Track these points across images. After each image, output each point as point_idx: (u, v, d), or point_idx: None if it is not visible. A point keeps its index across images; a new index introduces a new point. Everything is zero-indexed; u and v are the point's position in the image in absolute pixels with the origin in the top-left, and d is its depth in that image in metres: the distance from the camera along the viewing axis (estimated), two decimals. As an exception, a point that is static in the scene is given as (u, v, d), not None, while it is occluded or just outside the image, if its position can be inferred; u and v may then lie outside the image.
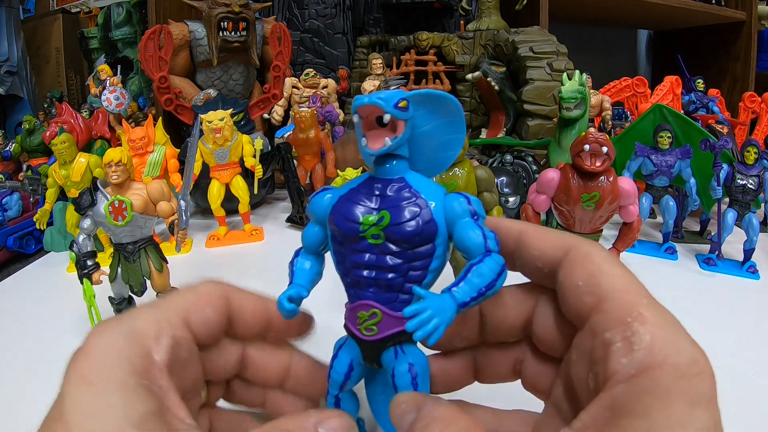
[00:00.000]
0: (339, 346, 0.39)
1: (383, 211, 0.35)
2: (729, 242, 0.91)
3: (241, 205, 1.05)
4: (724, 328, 0.69)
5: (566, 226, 0.62)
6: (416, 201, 0.35)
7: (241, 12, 1.21)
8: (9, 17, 1.79)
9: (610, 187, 0.57)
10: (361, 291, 0.36)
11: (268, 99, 1.33)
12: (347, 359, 0.38)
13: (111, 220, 0.59)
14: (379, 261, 0.35)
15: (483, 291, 0.32)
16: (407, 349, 0.37)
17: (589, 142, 0.56)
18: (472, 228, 0.34)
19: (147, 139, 0.98)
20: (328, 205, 0.37)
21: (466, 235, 0.34)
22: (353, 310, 0.37)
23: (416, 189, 0.35)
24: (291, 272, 0.39)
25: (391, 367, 0.36)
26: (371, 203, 0.35)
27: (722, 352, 0.62)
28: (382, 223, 0.34)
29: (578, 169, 0.58)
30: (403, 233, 0.34)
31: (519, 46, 1.22)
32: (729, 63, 1.95)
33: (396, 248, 0.35)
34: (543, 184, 0.61)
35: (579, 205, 0.58)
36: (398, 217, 0.34)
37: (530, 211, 0.63)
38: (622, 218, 0.61)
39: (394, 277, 0.35)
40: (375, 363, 0.38)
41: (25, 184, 1.09)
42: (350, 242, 0.36)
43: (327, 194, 0.38)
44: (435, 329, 0.31)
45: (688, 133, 0.95)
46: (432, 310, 0.31)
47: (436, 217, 0.35)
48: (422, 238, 0.34)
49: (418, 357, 0.37)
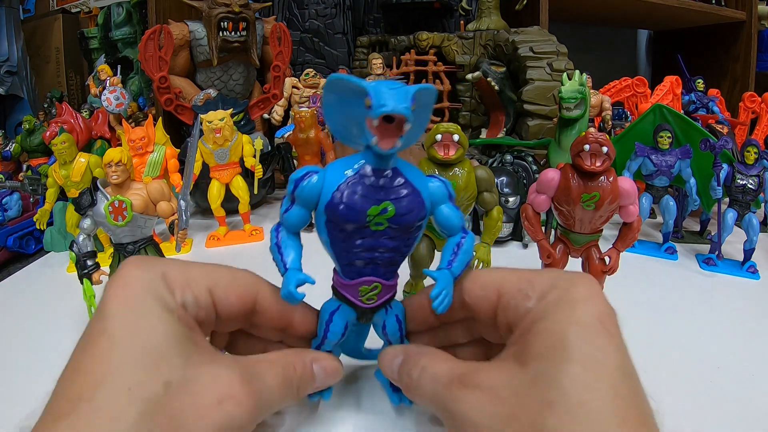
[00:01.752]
0: (331, 312, 0.43)
1: (386, 202, 0.38)
2: (729, 242, 0.91)
3: (241, 205, 1.05)
4: (724, 328, 0.69)
5: (566, 227, 0.62)
6: (413, 191, 0.39)
7: (241, 12, 1.21)
8: (9, 17, 1.78)
9: (611, 187, 0.57)
10: (361, 269, 0.41)
11: (268, 99, 1.33)
12: (342, 322, 0.43)
13: (111, 220, 0.59)
14: (378, 244, 0.40)
15: (467, 262, 0.42)
16: (393, 304, 0.45)
17: (589, 142, 0.56)
18: (452, 210, 0.42)
19: (147, 139, 0.98)
20: (317, 187, 0.39)
21: (449, 216, 0.42)
22: (355, 286, 0.42)
23: (409, 179, 0.39)
24: (280, 256, 0.41)
25: (381, 320, 0.44)
26: (375, 194, 0.38)
27: (722, 352, 0.62)
28: (386, 214, 0.38)
29: (578, 169, 0.58)
30: (405, 221, 0.39)
31: (519, 46, 1.22)
32: (729, 63, 1.95)
33: (394, 233, 0.39)
34: (543, 184, 0.60)
35: (579, 205, 0.58)
36: (402, 208, 0.38)
37: (530, 211, 0.62)
38: (622, 218, 0.60)
39: (392, 256, 0.41)
40: (368, 321, 0.45)
41: (25, 184, 1.08)
42: (353, 229, 0.39)
43: (313, 176, 0.39)
44: (449, 302, 0.40)
45: (688, 133, 0.95)
46: (447, 289, 0.40)
47: (426, 203, 0.40)
48: (418, 222, 0.40)
49: (399, 307, 0.45)
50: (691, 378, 0.57)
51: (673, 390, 0.54)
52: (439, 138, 0.58)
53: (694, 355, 0.62)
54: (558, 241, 0.64)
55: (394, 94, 0.34)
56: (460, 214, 0.42)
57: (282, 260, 0.41)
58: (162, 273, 0.37)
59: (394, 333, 0.45)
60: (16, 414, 0.53)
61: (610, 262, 0.62)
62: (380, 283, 0.41)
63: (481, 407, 0.34)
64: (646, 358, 0.60)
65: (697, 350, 0.63)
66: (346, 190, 0.38)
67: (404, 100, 0.34)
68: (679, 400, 0.53)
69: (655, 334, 0.66)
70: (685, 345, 0.64)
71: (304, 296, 0.39)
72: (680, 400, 0.53)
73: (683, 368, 0.59)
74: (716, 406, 0.52)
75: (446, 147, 0.58)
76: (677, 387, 0.55)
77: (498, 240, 0.96)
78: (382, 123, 0.35)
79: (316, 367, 0.42)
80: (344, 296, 0.42)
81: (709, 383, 0.56)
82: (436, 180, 0.42)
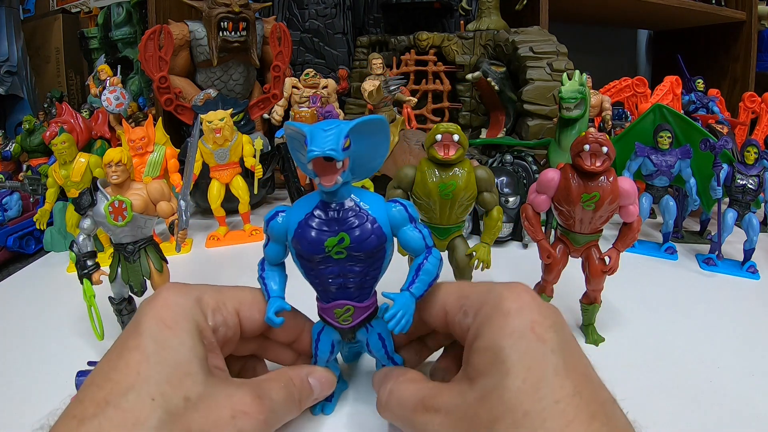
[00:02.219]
0: (318, 332, 0.48)
1: (342, 233, 0.41)
2: (729, 242, 0.91)
3: (241, 205, 1.05)
4: (724, 328, 0.69)
5: (566, 227, 0.62)
6: (368, 219, 0.42)
7: (241, 12, 1.20)
8: (9, 17, 1.78)
9: (610, 187, 0.57)
10: (333, 294, 0.45)
11: (268, 99, 1.33)
12: (328, 341, 0.47)
13: (111, 220, 0.59)
14: (344, 271, 0.43)
15: (430, 283, 0.44)
16: (374, 323, 0.47)
17: (589, 142, 0.56)
18: (412, 232, 0.44)
19: (147, 139, 0.98)
20: (283, 226, 0.44)
21: (410, 239, 0.44)
22: (330, 309, 0.45)
23: (364, 207, 0.43)
24: (265, 287, 0.47)
25: (365, 338, 0.47)
26: (329, 227, 0.42)
27: (722, 352, 0.62)
28: (342, 244, 0.41)
29: (578, 169, 0.58)
30: (363, 249, 0.42)
31: (519, 46, 1.22)
32: (729, 63, 1.95)
33: (357, 259, 0.42)
34: (543, 184, 0.60)
35: (579, 205, 0.58)
36: (356, 237, 0.41)
37: (530, 211, 0.62)
38: (622, 218, 0.61)
39: (358, 280, 0.44)
40: (351, 339, 0.48)
41: (25, 184, 1.08)
42: (316, 260, 0.43)
43: (280, 215, 0.45)
44: (406, 322, 0.42)
45: (688, 133, 0.95)
46: (402, 310, 0.42)
47: (384, 229, 0.43)
48: (377, 248, 0.43)
49: (381, 326, 0.47)
50: (691, 377, 0.57)
51: (673, 389, 0.54)
52: (439, 138, 0.58)
53: (694, 354, 0.62)
54: (558, 241, 0.64)
55: (325, 136, 0.38)
56: (421, 235, 0.45)
57: (266, 290, 0.46)
58: (197, 298, 0.42)
59: (378, 350, 0.48)
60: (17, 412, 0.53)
61: (610, 262, 0.62)
62: (352, 305, 0.45)
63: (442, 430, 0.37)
64: (647, 358, 0.60)
65: (697, 350, 0.63)
66: (305, 226, 0.42)
67: (333, 143, 0.38)
68: (680, 399, 0.53)
69: (655, 334, 0.66)
70: (685, 344, 0.64)
71: (283, 321, 0.45)
72: (680, 399, 0.53)
73: (683, 368, 0.59)
74: (716, 405, 0.52)
75: (446, 147, 0.58)
76: (677, 386, 0.55)
77: (498, 240, 0.96)
78: (319, 163, 0.39)
79: (311, 380, 0.47)
80: (325, 318, 0.47)
81: (709, 383, 0.56)
82: (397, 204, 0.44)
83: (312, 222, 0.42)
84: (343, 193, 0.42)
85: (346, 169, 0.40)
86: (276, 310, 0.44)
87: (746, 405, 0.52)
